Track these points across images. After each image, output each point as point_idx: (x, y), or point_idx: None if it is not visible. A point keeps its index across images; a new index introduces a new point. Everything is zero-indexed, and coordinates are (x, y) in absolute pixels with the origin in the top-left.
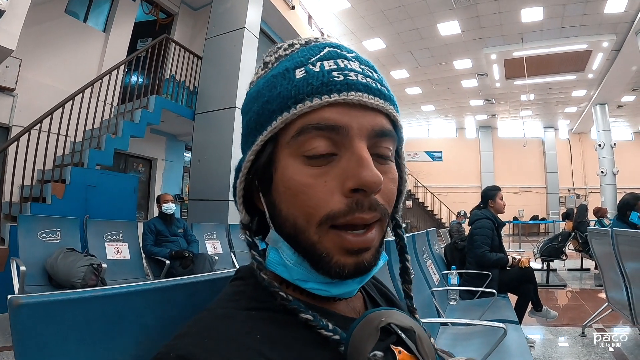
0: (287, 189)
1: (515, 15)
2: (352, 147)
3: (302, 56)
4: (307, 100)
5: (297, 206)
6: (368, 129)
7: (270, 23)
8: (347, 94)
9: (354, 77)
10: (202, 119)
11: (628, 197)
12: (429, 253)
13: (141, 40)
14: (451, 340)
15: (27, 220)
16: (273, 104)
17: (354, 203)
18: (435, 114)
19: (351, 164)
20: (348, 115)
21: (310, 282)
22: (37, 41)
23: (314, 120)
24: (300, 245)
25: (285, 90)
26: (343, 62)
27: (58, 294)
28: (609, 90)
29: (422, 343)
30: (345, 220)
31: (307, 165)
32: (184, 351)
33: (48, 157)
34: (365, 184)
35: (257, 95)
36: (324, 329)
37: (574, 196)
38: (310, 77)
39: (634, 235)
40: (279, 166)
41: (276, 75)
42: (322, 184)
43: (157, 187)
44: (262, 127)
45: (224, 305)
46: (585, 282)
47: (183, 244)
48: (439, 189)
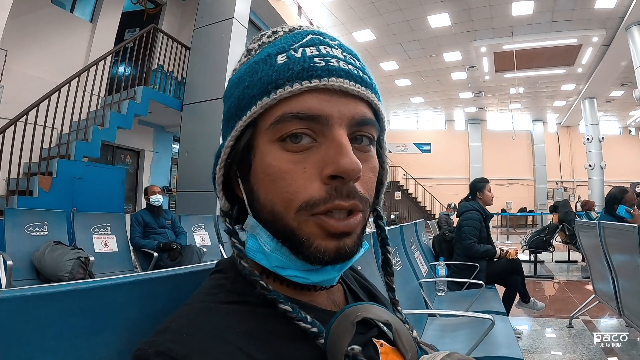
0: (266, 175)
1: (505, 8)
2: (332, 134)
3: (285, 42)
4: (287, 85)
5: (275, 192)
6: (349, 117)
7: (260, 14)
8: (328, 80)
9: (336, 63)
10: (190, 110)
11: (615, 190)
12: (417, 244)
13: (129, 31)
14: (439, 332)
15: (14, 213)
16: (253, 89)
17: (332, 190)
18: (424, 106)
19: (330, 151)
20: (329, 102)
21: (290, 269)
22: (23, 32)
23: (294, 108)
24: (279, 232)
25: (266, 75)
26: (325, 48)
27: (36, 288)
28: (598, 84)
29: (400, 336)
30: (324, 208)
31: (286, 151)
32: (163, 347)
33: (34, 149)
34: (343, 170)
35: (238, 81)
36: (302, 321)
37: (562, 189)
38: (291, 63)
39: (621, 228)
40: (257, 152)
41: (258, 61)
42: (301, 170)
43: (144, 179)
44: (242, 112)
45: (203, 299)
46: (573, 274)
47: (171, 236)
48: (428, 180)
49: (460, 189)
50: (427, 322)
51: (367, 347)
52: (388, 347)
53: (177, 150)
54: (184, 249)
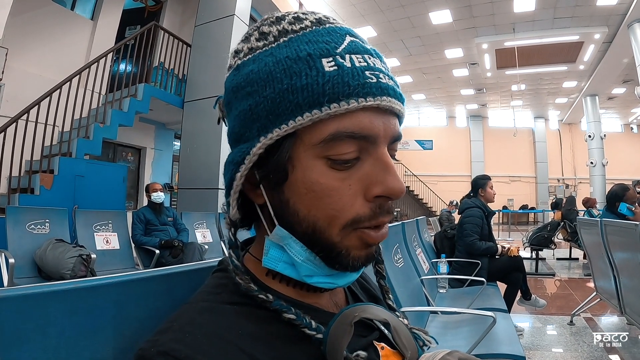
0: (310, 191)
1: (507, 5)
2: (377, 152)
3: (323, 41)
4: (342, 100)
5: (320, 208)
6: (390, 135)
7: (261, 10)
8: (381, 99)
9: (384, 79)
10: (191, 107)
11: (617, 188)
12: (419, 241)
13: (129, 28)
14: (440, 329)
15: (15, 211)
16: (297, 95)
17: (377, 207)
18: (426, 103)
19: (376, 170)
20: (378, 121)
21: (316, 276)
22: (24, 30)
23: (348, 126)
24: (317, 244)
25: (314, 83)
26: (370, 58)
27: (37, 287)
28: (600, 81)
29: (399, 335)
30: (369, 224)
31: (332, 168)
32: (166, 347)
33: (36, 147)
34: (392, 191)
35: (268, 78)
36: (307, 328)
37: (563, 186)
38: (345, 75)
39: (622, 226)
40: (298, 165)
41: (294, 59)
42: (347, 188)
43: (146, 176)
44: (279, 118)
45: (205, 298)
46: (574, 271)
47: (173, 233)
48: (429, 177)
49: (461, 186)
50: (429, 319)
51: (368, 350)
52: (389, 350)
53: (179, 148)
54: (186, 246)
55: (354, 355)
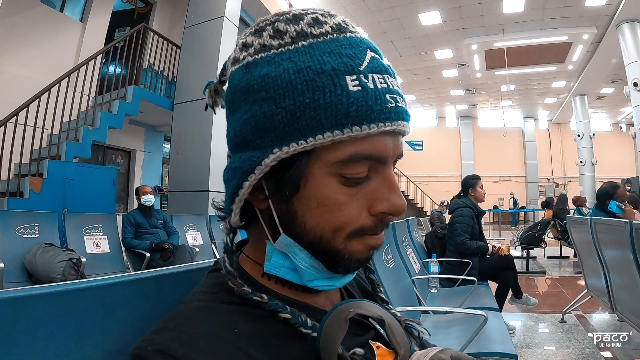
0: (321, 205)
1: (496, 6)
2: (385, 171)
3: (347, 55)
4: (364, 124)
5: (329, 221)
6: (396, 154)
7: (250, 12)
8: (397, 124)
9: (401, 103)
10: (181, 110)
11: (607, 186)
12: (410, 242)
13: (119, 30)
14: (432, 328)
15: (5, 215)
16: (320, 112)
17: (379, 221)
18: (415, 104)
19: (382, 188)
20: (390, 143)
21: (316, 280)
22: (12, 32)
23: (366, 148)
24: (322, 252)
25: (338, 102)
26: (389, 79)
27: (26, 289)
28: (589, 81)
29: (393, 331)
30: (369, 234)
31: (344, 185)
32: (162, 346)
33: (25, 150)
34: (396, 210)
35: (287, 87)
36: (302, 327)
37: (553, 185)
38: (368, 97)
39: (612, 224)
40: (312, 180)
41: (317, 71)
42: (355, 202)
43: (136, 179)
44: (298, 133)
45: (201, 297)
46: (565, 269)
47: (163, 236)
48: (420, 178)
49: (452, 186)
50: (420, 319)
51: (364, 349)
52: (384, 350)
53: (169, 150)
54: (176, 249)
55: (350, 353)
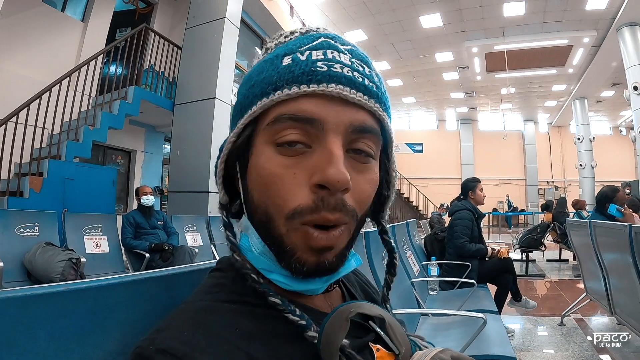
0: (259, 176)
1: (497, 9)
2: (326, 141)
3: (295, 44)
4: (285, 87)
5: (267, 195)
6: (346, 124)
7: (252, 13)
8: (327, 86)
9: (339, 69)
10: (181, 110)
11: (606, 189)
12: (409, 244)
13: (120, 30)
14: (431, 331)
15: (4, 215)
16: (257, 88)
17: (319, 200)
18: (416, 106)
19: (321, 159)
20: (326, 108)
21: (275, 273)
22: (14, 31)
23: (290, 110)
24: (269, 235)
25: (269, 75)
26: (332, 53)
27: (26, 289)
28: (589, 85)
29: (394, 331)
30: (312, 218)
31: (279, 154)
32: (164, 345)
33: (25, 149)
34: (329, 181)
35: (247, 79)
36: (290, 314)
37: (553, 188)
38: (293, 65)
39: (611, 227)
40: (254, 151)
41: (267, 60)
42: (291, 176)
43: (136, 179)
44: (245, 110)
45: (203, 297)
46: (564, 272)
47: (163, 237)
48: (420, 180)
49: (452, 188)
50: (420, 322)
51: (364, 351)
52: (384, 352)
53: (169, 151)
54: (176, 249)
55: (350, 352)
